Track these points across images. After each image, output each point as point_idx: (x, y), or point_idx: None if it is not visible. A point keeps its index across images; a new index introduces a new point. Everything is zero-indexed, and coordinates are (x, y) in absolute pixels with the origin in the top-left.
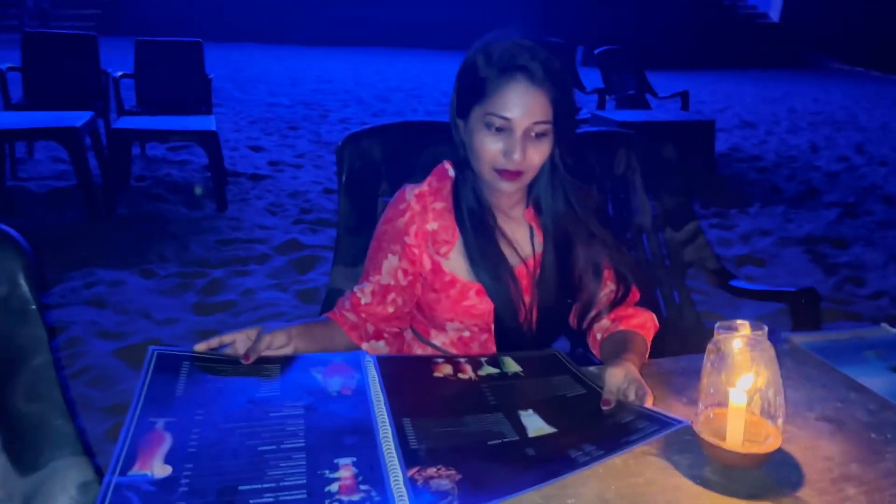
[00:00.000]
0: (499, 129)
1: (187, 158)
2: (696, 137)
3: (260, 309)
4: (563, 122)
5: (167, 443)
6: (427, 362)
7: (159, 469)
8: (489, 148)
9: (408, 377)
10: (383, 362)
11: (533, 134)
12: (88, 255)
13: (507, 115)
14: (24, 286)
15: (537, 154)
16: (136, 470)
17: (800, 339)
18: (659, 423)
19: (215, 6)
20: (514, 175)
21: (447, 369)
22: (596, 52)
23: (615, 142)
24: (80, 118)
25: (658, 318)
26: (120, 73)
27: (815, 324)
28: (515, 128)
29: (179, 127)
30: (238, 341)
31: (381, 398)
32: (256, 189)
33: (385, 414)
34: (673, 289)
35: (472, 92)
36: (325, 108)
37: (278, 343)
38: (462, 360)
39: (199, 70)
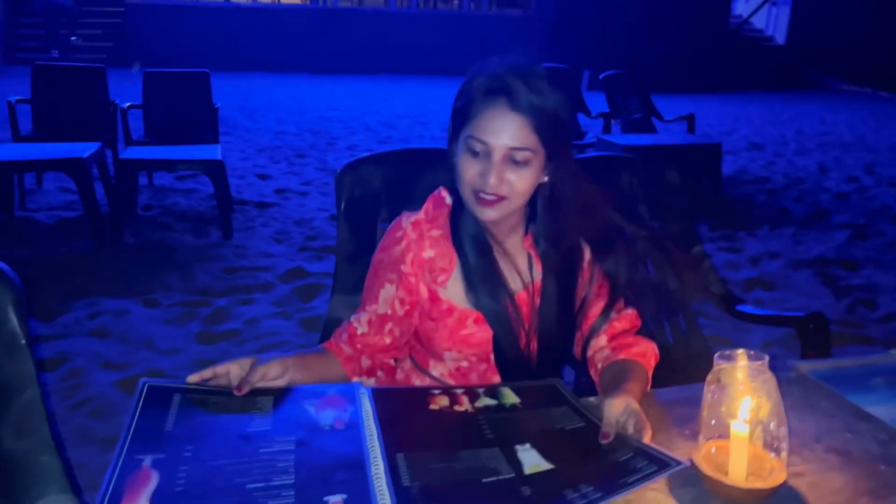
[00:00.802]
0: (478, 153)
1: (194, 187)
2: (703, 160)
3: (263, 338)
4: (551, 150)
5: (153, 482)
6: (423, 394)
7: None
8: (468, 170)
9: (403, 410)
10: (378, 394)
11: (512, 160)
12: (93, 285)
13: (484, 138)
14: (14, 321)
15: (519, 180)
16: None
17: (806, 366)
18: (658, 462)
19: (225, 37)
20: (491, 202)
21: (443, 401)
22: (601, 76)
23: (617, 167)
24: (86, 149)
25: (664, 345)
26: (128, 104)
27: (824, 349)
28: (493, 152)
29: (185, 156)
30: (232, 372)
31: (375, 432)
32: (262, 217)
33: (378, 449)
34: (679, 314)
35: (461, 114)
36: (332, 135)
37: (273, 374)
38: (459, 391)
39: (206, 100)
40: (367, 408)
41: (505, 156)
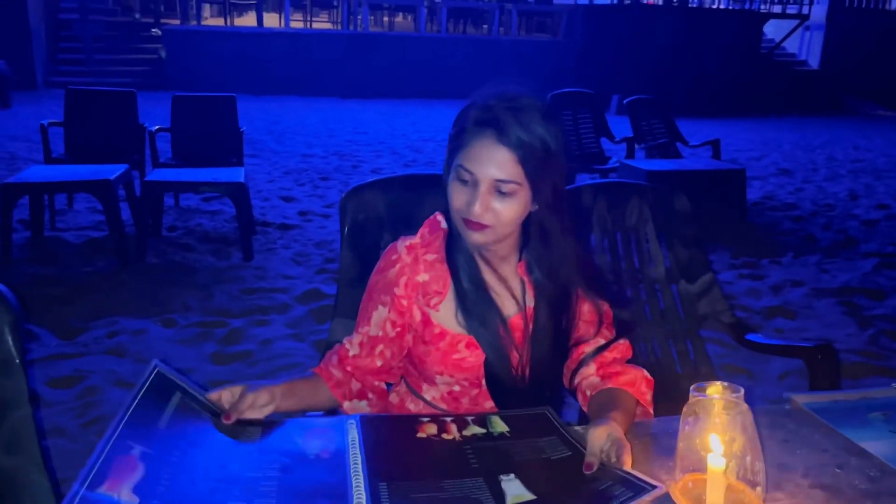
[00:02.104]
0: (467, 181)
1: (219, 209)
2: (727, 186)
3: (276, 359)
4: (537, 184)
5: (139, 473)
6: (412, 422)
7: (126, 496)
8: (456, 198)
9: (390, 438)
10: (366, 422)
11: (498, 190)
12: (115, 304)
13: (472, 168)
14: (10, 341)
15: (504, 210)
16: (104, 490)
17: (804, 398)
18: (633, 488)
19: (258, 61)
20: (479, 226)
21: (431, 429)
22: (625, 101)
23: (627, 192)
24: (113, 171)
25: (672, 375)
26: (157, 127)
27: (833, 381)
28: (479, 182)
29: (208, 179)
30: (223, 398)
31: (360, 460)
32: (284, 239)
33: (361, 478)
34: (687, 343)
35: (454, 142)
36: (358, 158)
37: (261, 402)
38: (448, 419)
39: (231, 123)
40: (353, 437)
41: (491, 186)
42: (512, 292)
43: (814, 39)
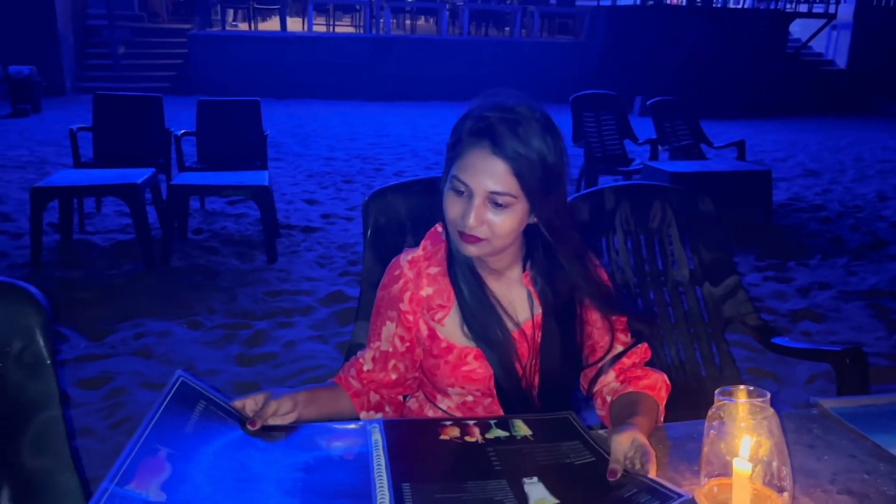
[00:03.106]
0: (462, 192)
1: (244, 212)
2: (752, 188)
3: (299, 361)
4: (534, 197)
5: (166, 472)
6: (434, 425)
7: (155, 493)
8: (451, 209)
9: (413, 440)
10: (389, 426)
11: (493, 202)
12: (140, 306)
13: (466, 180)
14: (41, 342)
15: (500, 223)
16: (132, 487)
17: (831, 403)
18: (660, 496)
19: (282, 66)
20: (474, 239)
21: (454, 432)
22: (648, 102)
23: (650, 194)
24: (140, 175)
25: (696, 378)
26: (182, 132)
27: (861, 385)
28: (474, 194)
29: (232, 182)
30: (247, 406)
31: (383, 462)
32: (307, 241)
33: (385, 479)
34: (712, 346)
35: (450, 151)
36: (380, 161)
37: (284, 409)
38: (471, 422)
39: (256, 127)
40: (377, 438)
41: (485, 198)
42: (517, 303)
43: (841, 39)
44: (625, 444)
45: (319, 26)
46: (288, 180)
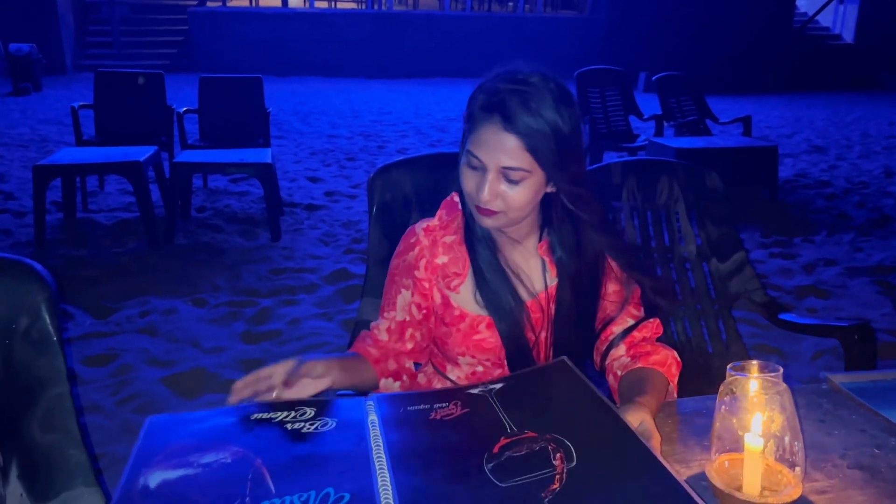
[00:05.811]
0: (476, 167)
1: (247, 189)
2: (758, 164)
3: (305, 338)
4: (548, 170)
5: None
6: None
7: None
8: (466, 182)
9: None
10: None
11: (506, 177)
12: (145, 284)
13: (479, 155)
14: (47, 319)
15: (514, 196)
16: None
17: (841, 378)
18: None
19: (283, 42)
20: (489, 212)
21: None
22: (653, 78)
23: (656, 170)
24: (143, 153)
25: (703, 354)
26: (184, 109)
27: (870, 361)
28: (487, 168)
29: (235, 160)
30: (277, 372)
31: (381, 441)
32: (311, 219)
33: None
34: (719, 322)
35: (465, 124)
36: (383, 138)
37: (317, 372)
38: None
39: (258, 104)
40: (372, 418)
41: (499, 173)
42: (532, 273)
43: (848, 13)
44: (632, 425)
45: (321, 2)
46: (290, 158)
